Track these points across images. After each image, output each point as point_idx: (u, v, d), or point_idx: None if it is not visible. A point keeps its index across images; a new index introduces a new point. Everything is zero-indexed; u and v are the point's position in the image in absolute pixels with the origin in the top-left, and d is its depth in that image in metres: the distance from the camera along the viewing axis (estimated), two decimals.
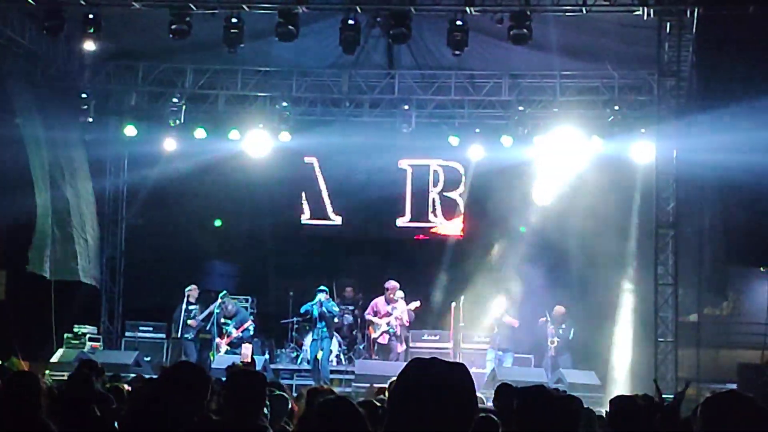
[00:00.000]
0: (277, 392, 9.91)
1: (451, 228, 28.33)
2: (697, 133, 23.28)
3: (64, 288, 25.77)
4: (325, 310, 23.97)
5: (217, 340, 24.82)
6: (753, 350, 25.48)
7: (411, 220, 28.48)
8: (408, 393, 3.88)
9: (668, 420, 7.32)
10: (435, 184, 28.44)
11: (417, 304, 24.31)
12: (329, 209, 28.72)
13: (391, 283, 24.39)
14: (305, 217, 28.86)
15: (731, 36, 21.96)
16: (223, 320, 24.89)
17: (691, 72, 23.27)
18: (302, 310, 24.66)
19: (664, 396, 9.48)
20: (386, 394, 11.00)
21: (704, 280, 24.69)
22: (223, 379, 9.79)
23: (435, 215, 28.45)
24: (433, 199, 28.39)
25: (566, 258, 25.28)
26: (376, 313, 24.30)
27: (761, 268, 28.63)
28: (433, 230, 28.43)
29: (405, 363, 15.73)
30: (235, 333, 24.80)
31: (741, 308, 30.58)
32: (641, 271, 24.39)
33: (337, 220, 28.69)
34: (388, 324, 24.01)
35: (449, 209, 28.41)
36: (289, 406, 10.08)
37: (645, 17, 21.17)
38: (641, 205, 24.92)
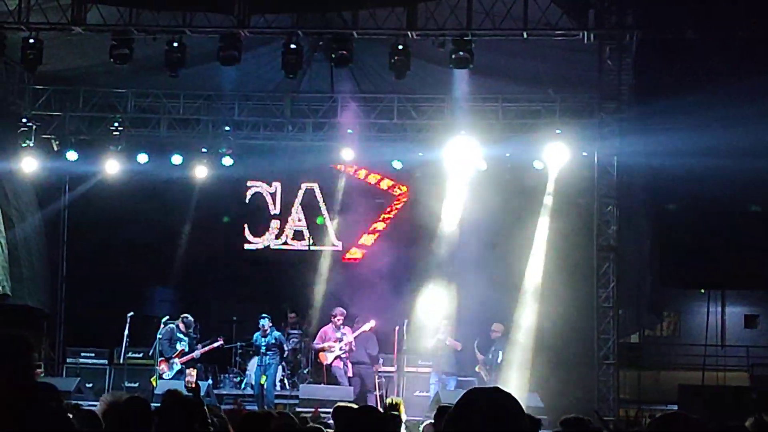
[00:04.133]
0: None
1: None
2: (638, 156, 23.53)
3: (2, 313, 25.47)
4: (271, 340, 23.87)
5: (172, 359, 24.29)
6: (693, 371, 25.72)
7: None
8: (469, 420, 3.97)
9: None
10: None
11: (372, 324, 24.27)
12: (273, 233, 28.75)
13: (338, 310, 24.34)
14: (250, 243, 28.82)
15: (670, 59, 22.25)
16: (178, 335, 24.50)
17: (631, 95, 23.51)
18: (253, 342, 24.53)
19: (606, 418, 9.55)
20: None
21: (642, 302, 24.88)
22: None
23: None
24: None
25: (502, 281, 25.17)
26: (324, 341, 24.21)
27: (701, 290, 28.97)
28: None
29: (353, 387, 15.60)
30: (195, 353, 24.46)
31: (681, 330, 30.87)
32: (578, 293, 24.42)
33: (280, 244, 28.69)
34: (340, 349, 23.95)
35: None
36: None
37: (585, 41, 21.40)
38: (580, 228, 24.99)
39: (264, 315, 24.18)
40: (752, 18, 20.48)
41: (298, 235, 28.86)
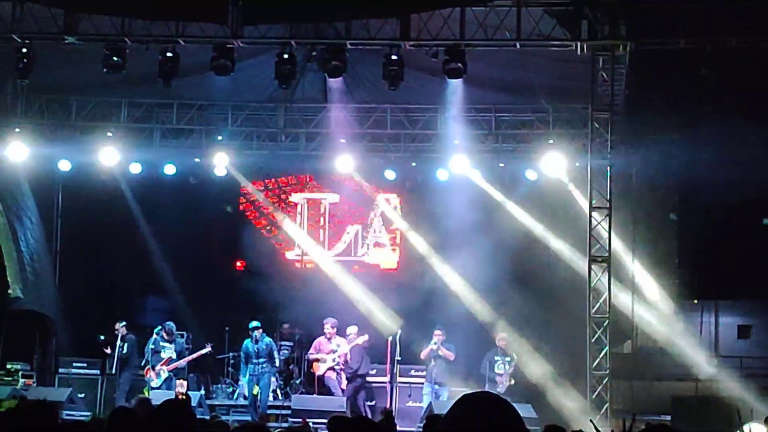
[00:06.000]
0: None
1: (381, 258, 28.57)
2: (631, 166, 23.51)
3: None
4: (262, 346, 23.78)
5: (158, 367, 24.16)
6: (686, 382, 25.64)
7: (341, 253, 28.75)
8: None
9: None
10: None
11: (365, 338, 24.23)
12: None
13: (329, 320, 24.30)
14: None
15: (663, 70, 22.26)
16: (162, 343, 24.41)
17: (624, 106, 23.51)
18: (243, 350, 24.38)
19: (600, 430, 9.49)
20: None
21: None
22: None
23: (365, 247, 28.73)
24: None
25: (498, 290, 25.12)
26: (319, 352, 24.17)
27: (694, 300, 28.87)
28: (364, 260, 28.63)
29: (347, 398, 15.62)
30: (182, 361, 24.40)
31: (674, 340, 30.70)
32: (569, 302, 24.27)
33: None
34: (333, 360, 23.91)
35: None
36: None
37: (579, 52, 21.39)
38: (572, 238, 24.98)
39: (255, 323, 24.08)
40: (745, 28, 20.49)
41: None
